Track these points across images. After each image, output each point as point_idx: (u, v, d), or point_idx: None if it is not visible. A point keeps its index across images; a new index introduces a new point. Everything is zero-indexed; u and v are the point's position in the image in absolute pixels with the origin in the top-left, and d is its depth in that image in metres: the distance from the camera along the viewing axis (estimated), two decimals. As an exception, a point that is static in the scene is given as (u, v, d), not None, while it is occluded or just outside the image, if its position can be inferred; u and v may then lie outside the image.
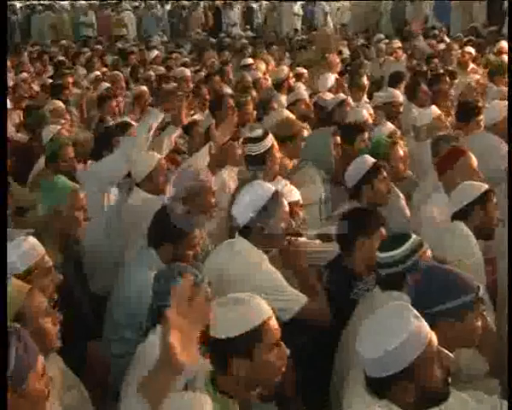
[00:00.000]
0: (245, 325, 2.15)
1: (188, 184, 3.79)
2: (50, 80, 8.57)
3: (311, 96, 6.61)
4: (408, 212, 4.33)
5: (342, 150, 4.74)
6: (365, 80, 7.27)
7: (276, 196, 3.15)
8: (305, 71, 8.16)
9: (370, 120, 5.44)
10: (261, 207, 3.09)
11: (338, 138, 4.74)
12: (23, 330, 1.88)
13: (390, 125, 5.03)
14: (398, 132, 5.16)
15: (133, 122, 5.39)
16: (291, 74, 7.80)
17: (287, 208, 3.19)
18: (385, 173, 3.99)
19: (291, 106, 6.14)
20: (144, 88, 7.30)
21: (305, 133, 5.94)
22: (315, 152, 4.62)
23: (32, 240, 2.81)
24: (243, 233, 3.14)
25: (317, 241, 3.64)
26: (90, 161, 4.67)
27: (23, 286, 2.34)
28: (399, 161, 4.38)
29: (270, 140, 4.23)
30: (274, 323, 2.21)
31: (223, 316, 2.18)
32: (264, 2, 20.19)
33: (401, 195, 4.36)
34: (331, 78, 7.20)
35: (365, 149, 4.56)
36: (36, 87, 8.59)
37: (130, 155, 4.07)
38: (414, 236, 2.83)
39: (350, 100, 6.19)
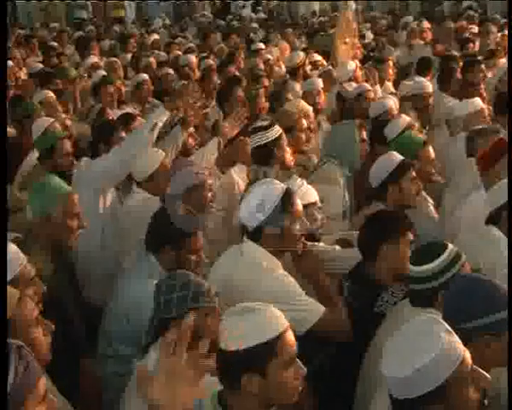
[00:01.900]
0: (258, 337, 2.15)
1: (185, 181, 3.81)
2: (39, 67, 8.59)
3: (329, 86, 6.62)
4: (436, 217, 4.32)
5: (374, 151, 4.72)
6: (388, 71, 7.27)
7: (288, 195, 3.15)
8: (319, 58, 8.15)
9: (395, 112, 5.42)
10: (271, 208, 3.09)
11: (364, 133, 4.73)
12: (25, 347, 1.88)
13: (406, 118, 5.00)
14: (417, 125, 5.13)
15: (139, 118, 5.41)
16: (307, 61, 7.78)
17: (300, 207, 3.19)
18: (413, 173, 3.98)
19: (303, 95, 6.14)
20: (145, 76, 7.32)
21: (324, 125, 5.97)
22: (338, 147, 4.61)
23: (13, 247, 2.81)
24: (252, 237, 3.14)
25: (336, 246, 3.64)
26: (85, 158, 4.67)
27: (12, 293, 2.35)
28: (430, 163, 4.36)
29: (277, 130, 4.25)
30: (291, 337, 2.21)
31: (233, 326, 2.19)
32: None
33: (429, 199, 4.35)
34: (351, 65, 7.18)
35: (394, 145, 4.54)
36: (23, 75, 8.60)
37: (133, 154, 4.04)
38: (451, 246, 2.80)
39: (371, 91, 6.17)
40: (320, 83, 6.37)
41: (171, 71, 7.77)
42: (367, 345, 2.98)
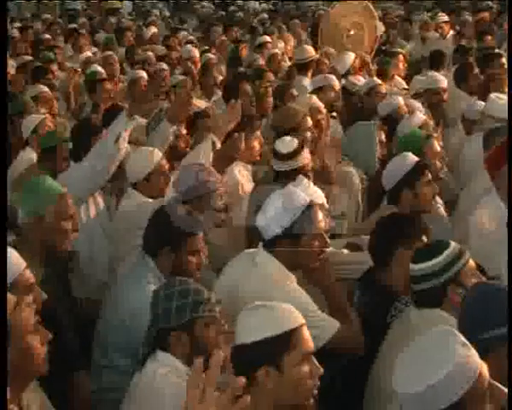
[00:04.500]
0: (274, 329, 2.24)
1: (190, 185, 3.81)
2: (28, 59, 8.59)
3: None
4: (446, 217, 4.32)
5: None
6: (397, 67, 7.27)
7: (310, 208, 3.13)
8: (332, 50, 8.13)
9: (405, 109, 5.43)
10: (291, 221, 3.07)
11: (383, 135, 4.74)
12: None
13: (421, 116, 4.99)
14: (431, 123, 5.13)
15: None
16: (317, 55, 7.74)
17: (322, 223, 3.17)
18: (429, 175, 3.97)
19: (315, 92, 6.12)
20: (141, 72, 7.31)
21: (332, 123, 5.96)
22: (355, 149, 4.61)
23: (12, 252, 2.81)
24: (268, 246, 3.13)
25: (345, 250, 3.64)
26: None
27: (9, 298, 2.35)
28: (436, 158, 4.36)
29: (302, 159, 4.12)
30: (306, 333, 2.29)
31: (249, 320, 2.29)
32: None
33: (438, 199, 4.35)
34: (350, 57, 7.17)
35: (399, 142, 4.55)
36: (12, 70, 8.57)
37: (103, 167, 4.00)
38: (453, 243, 2.84)
39: (383, 86, 6.16)
40: (334, 79, 6.32)
41: (165, 66, 7.78)
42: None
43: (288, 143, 4.15)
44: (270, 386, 2.23)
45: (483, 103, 5.35)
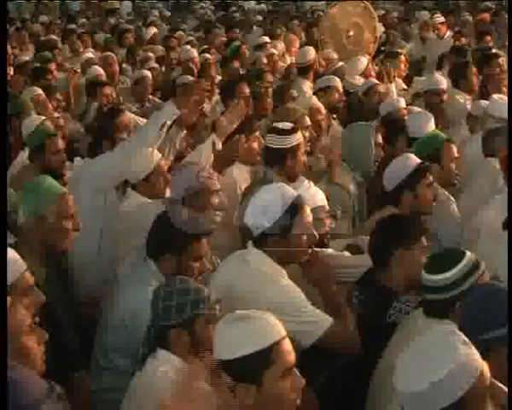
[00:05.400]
0: (252, 345, 2.17)
1: (187, 184, 3.82)
2: (25, 59, 8.59)
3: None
4: (458, 217, 4.31)
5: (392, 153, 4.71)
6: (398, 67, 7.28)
7: (298, 203, 3.14)
8: (335, 55, 8.12)
9: (405, 111, 5.42)
10: (277, 216, 3.09)
11: (380, 137, 4.74)
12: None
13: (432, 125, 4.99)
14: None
15: (127, 112, 5.40)
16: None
17: (310, 217, 3.18)
18: (431, 178, 3.97)
19: (319, 92, 6.12)
20: (146, 72, 7.30)
21: (335, 125, 5.97)
22: (351, 150, 4.61)
23: (12, 253, 2.80)
24: (257, 243, 3.14)
25: (346, 253, 3.63)
26: (78, 159, 4.67)
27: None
28: (452, 162, 4.35)
29: (299, 138, 4.22)
30: (287, 345, 2.23)
31: (227, 334, 2.23)
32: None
33: (452, 198, 4.33)
34: (363, 62, 7.17)
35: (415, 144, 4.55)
36: (12, 71, 8.58)
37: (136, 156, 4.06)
38: (469, 254, 2.78)
39: (380, 85, 6.17)
40: (338, 80, 6.30)
41: (156, 65, 7.76)
42: (379, 357, 2.98)
43: (285, 124, 4.31)
44: (249, 402, 2.18)
45: (487, 102, 5.34)
